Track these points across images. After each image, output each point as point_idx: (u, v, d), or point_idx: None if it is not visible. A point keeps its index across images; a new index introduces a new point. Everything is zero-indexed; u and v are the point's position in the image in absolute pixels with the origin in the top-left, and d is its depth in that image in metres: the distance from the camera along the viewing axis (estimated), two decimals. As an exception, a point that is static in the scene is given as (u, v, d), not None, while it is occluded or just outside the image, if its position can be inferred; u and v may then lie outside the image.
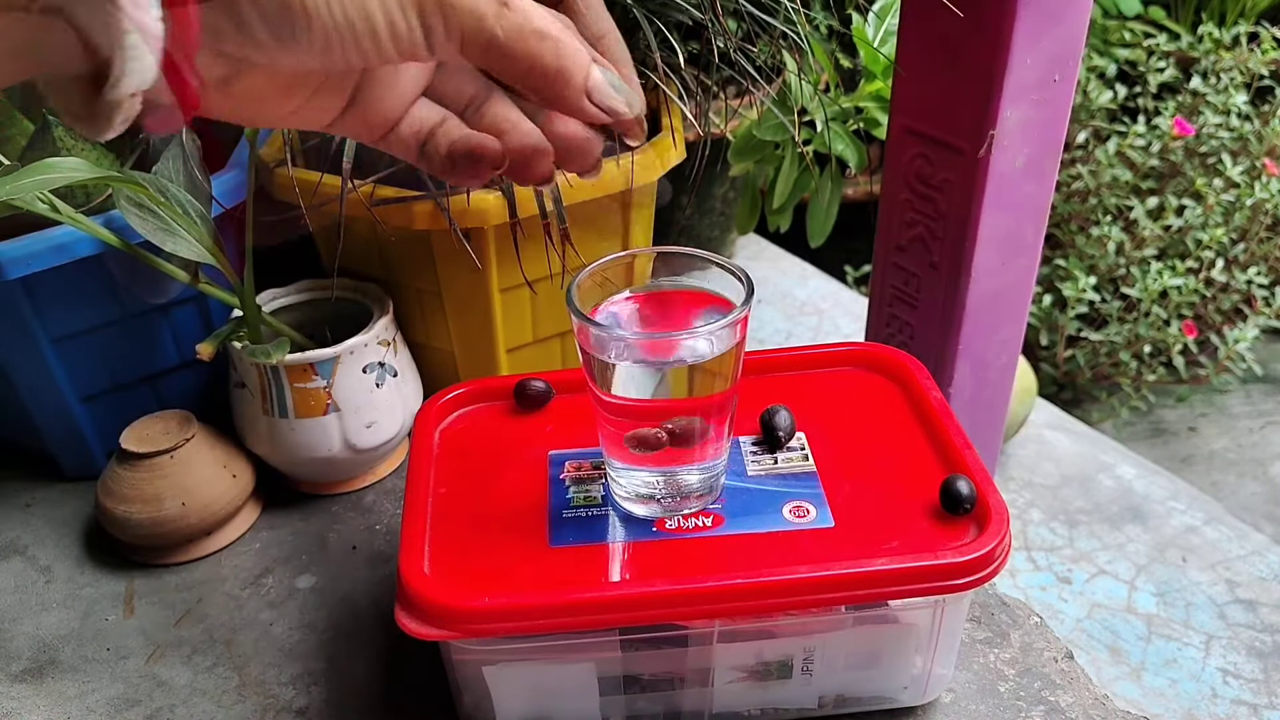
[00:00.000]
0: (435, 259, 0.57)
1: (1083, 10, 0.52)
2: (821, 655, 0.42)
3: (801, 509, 0.43)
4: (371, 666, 0.50)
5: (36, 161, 0.45)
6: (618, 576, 0.41)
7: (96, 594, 0.55)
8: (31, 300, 0.55)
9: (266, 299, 0.60)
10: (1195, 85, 1.45)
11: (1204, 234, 1.35)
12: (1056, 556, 0.59)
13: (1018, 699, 0.46)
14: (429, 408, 0.50)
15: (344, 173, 0.49)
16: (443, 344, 0.62)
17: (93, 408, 0.60)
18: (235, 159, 0.61)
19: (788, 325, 0.86)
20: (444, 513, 0.44)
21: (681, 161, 0.61)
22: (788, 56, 0.63)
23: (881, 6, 0.72)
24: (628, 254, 0.45)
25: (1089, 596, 0.56)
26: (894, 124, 0.59)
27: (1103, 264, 1.39)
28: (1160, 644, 0.53)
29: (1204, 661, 0.52)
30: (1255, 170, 1.37)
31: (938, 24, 0.52)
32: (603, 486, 0.45)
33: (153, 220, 0.52)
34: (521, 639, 0.40)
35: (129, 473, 0.55)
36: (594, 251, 0.59)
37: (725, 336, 0.39)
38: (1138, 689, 0.50)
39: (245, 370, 0.56)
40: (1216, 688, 0.50)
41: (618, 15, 0.58)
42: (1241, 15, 1.61)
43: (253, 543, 0.58)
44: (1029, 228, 0.58)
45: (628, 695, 0.43)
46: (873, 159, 0.79)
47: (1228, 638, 0.53)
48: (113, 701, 0.49)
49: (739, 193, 0.88)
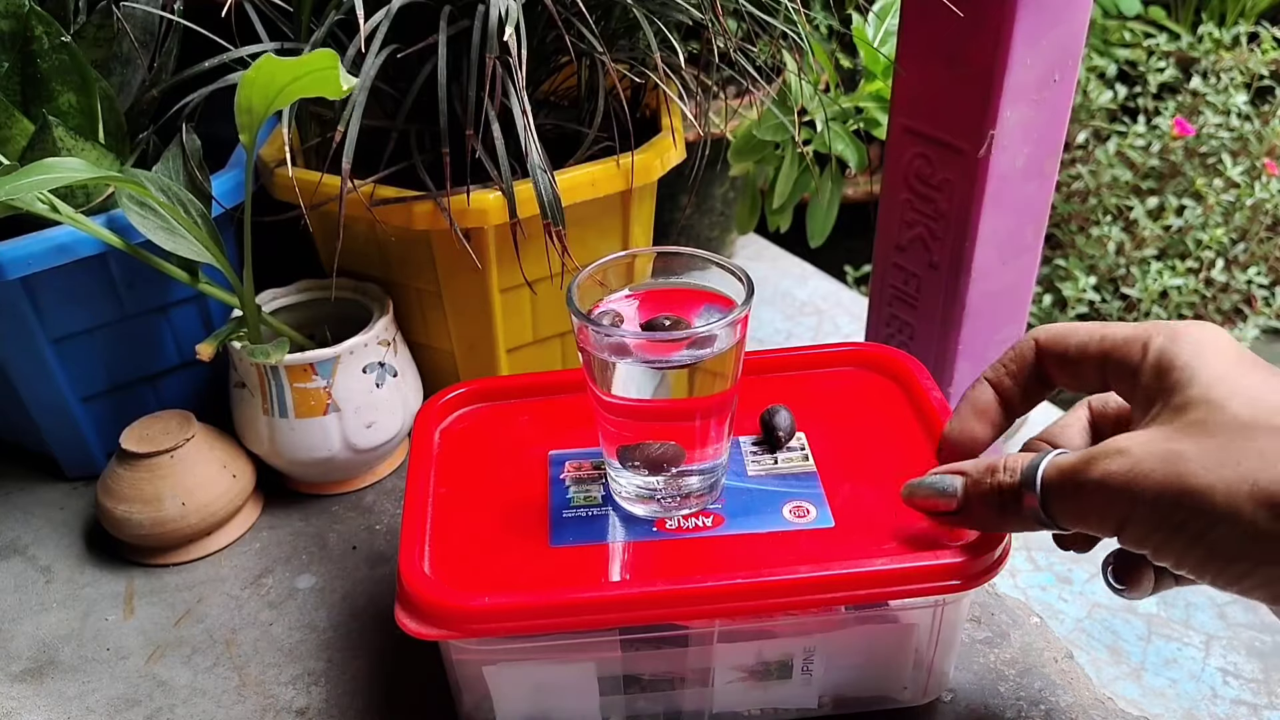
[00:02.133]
0: (435, 259, 0.57)
1: (1083, 10, 0.52)
2: (821, 655, 0.42)
3: (801, 509, 0.43)
4: (371, 666, 0.50)
5: (36, 161, 0.45)
6: (618, 576, 0.41)
7: (96, 594, 0.55)
8: (31, 300, 0.55)
9: (266, 299, 0.60)
10: (1195, 85, 1.45)
11: (1204, 234, 1.35)
12: (1056, 556, 0.59)
13: (1018, 699, 0.46)
14: (429, 408, 0.50)
15: (344, 173, 0.49)
16: (443, 344, 0.62)
17: (93, 408, 0.60)
18: (235, 159, 0.61)
19: (788, 325, 0.86)
20: (444, 513, 0.44)
21: (681, 161, 0.61)
22: (788, 56, 0.64)
23: (881, 6, 0.72)
24: (628, 254, 0.45)
25: (1089, 596, 0.56)
26: (894, 124, 0.59)
27: (1103, 264, 1.39)
28: (1160, 644, 0.53)
29: (1204, 661, 0.52)
30: (1255, 170, 1.37)
31: (938, 24, 0.52)
32: (603, 486, 0.45)
33: (154, 219, 0.52)
34: (521, 639, 0.40)
35: (129, 473, 0.55)
36: (594, 251, 0.59)
37: (726, 336, 0.39)
38: (1138, 689, 0.50)
39: (245, 370, 0.56)
40: (1216, 688, 0.50)
41: (618, 15, 0.58)
42: (1241, 15, 1.61)
43: (253, 543, 0.58)
44: (1029, 228, 0.58)
45: (628, 695, 0.43)
46: (873, 159, 0.79)
47: (1228, 638, 0.53)
48: (113, 701, 0.49)
49: (739, 193, 0.88)
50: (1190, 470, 0.30)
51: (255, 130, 0.48)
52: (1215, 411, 0.31)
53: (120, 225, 0.53)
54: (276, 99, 0.46)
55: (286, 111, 0.52)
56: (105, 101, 0.56)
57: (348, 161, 0.49)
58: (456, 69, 0.52)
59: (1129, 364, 0.35)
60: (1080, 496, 0.33)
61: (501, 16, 0.48)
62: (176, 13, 0.57)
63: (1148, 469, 0.31)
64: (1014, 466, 0.36)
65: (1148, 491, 0.31)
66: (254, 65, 0.44)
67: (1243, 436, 0.30)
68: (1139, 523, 0.32)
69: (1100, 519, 0.33)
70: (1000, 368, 0.40)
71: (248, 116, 0.47)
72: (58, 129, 0.52)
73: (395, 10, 0.51)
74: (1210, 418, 0.31)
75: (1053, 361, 0.38)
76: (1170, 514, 0.31)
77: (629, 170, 0.56)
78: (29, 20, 0.53)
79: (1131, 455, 0.32)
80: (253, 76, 0.45)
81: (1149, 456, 0.31)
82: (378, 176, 0.55)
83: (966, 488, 0.38)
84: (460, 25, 0.51)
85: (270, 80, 0.45)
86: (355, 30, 0.49)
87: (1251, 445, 0.30)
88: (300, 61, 0.43)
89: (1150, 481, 0.31)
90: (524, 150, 0.50)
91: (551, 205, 0.50)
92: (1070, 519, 0.34)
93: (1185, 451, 0.31)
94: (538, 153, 0.50)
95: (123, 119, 0.58)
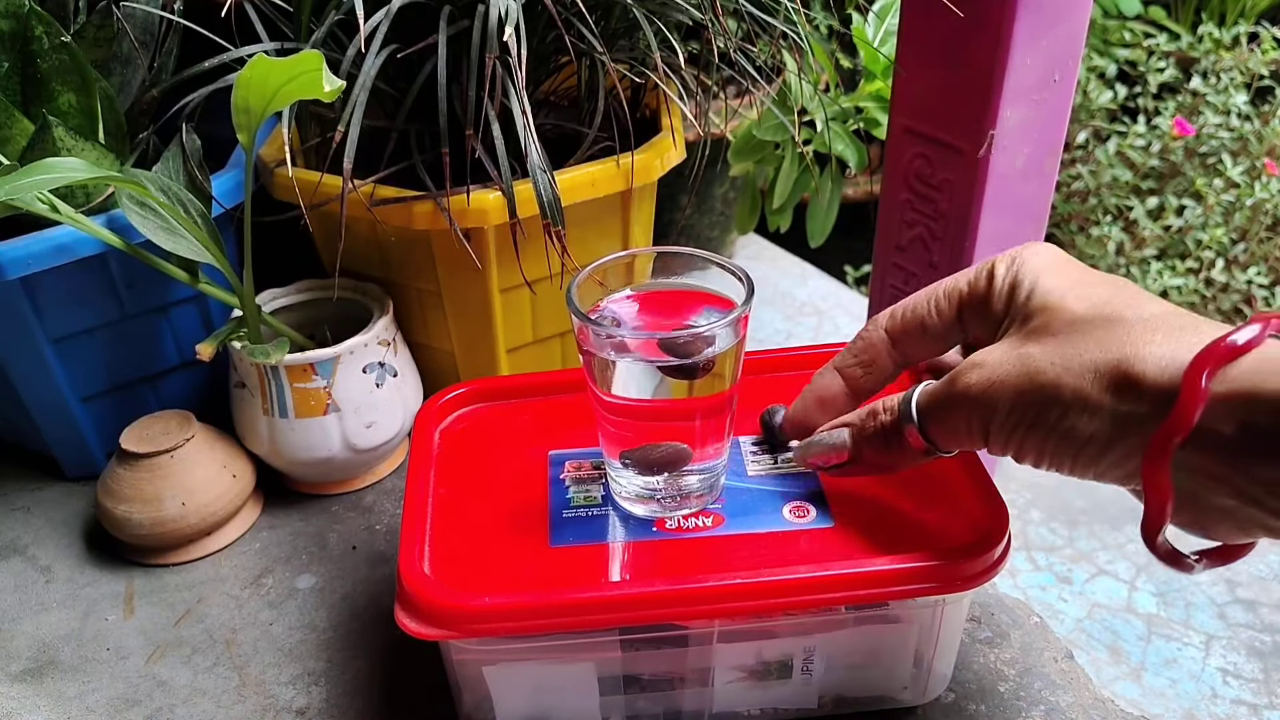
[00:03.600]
0: (435, 259, 0.57)
1: (1083, 10, 0.52)
2: (821, 655, 0.42)
3: (801, 509, 0.43)
4: (371, 666, 0.50)
5: (36, 161, 0.45)
6: (618, 576, 0.41)
7: (96, 594, 0.55)
8: (31, 300, 0.55)
9: (266, 299, 0.60)
10: (1195, 85, 1.45)
11: (1204, 234, 1.35)
12: (1056, 556, 0.59)
13: (1018, 699, 0.46)
14: (429, 408, 0.50)
15: (344, 173, 0.49)
16: (443, 344, 0.62)
17: (93, 408, 0.60)
18: (235, 159, 0.61)
19: (788, 325, 0.86)
20: (444, 513, 0.44)
21: (681, 161, 0.61)
22: (788, 56, 0.64)
23: (881, 6, 0.72)
24: (628, 254, 0.45)
25: (1089, 596, 0.56)
26: (894, 124, 0.59)
27: (1103, 264, 1.39)
28: (1160, 644, 0.53)
29: (1204, 661, 0.52)
30: (1255, 170, 1.37)
31: (938, 24, 0.52)
32: (603, 486, 0.45)
33: (154, 219, 0.52)
34: (521, 639, 0.40)
35: (129, 473, 0.55)
36: (594, 251, 0.59)
37: (725, 336, 0.39)
38: (1138, 689, 0.50)
39: (245, 370, 0.56)
40: (1216, 688, 0.50)
41: (618, 15, 0.58)
42: (1241, 15, 1.61)
43: (253, 543, 0.58)
44: (1029, 228, 0.58)
45: (628, 695, 0.43)
46: (873, 159, 0.79)
47: (1228, 638, 0.53)
48: (113, 701, 0.49)
49: (739, 193, 0.88)
50: (1039, 368, 0.33)
51: (254, 130, 0.48)
52: (1056, 314, 0.34)
53: (120, 225, 0.53)
54: (273, 100, 0.46)
55: (286, 112, 0.52)
56: (105, 101, 0.56)
57: (349, 161, 0.49)
58: (456, 69, 0.52)
59: (979, 300, 0.38)
60: (948, 414, 0.36)
61: (501, 16, 0.48)
62: (176, 13, 0.57)
63: (1002, 374, 0.34)
64: (890, 406, 0.39)
65: (1005, 395, 0.34)
66: (248, 65, 0.44)
67: (1080, 331, 0.33)
68: (1001, 425, 0.35)
69: (969, 430, 0.36)
70: (849, 357, 0.42)
71: (245, 117, 0.47)
72: (58, 129, 0.52)
73: (395, 10, 0.51)
74: (1052, 320, 0.34)
75: (911, 342, 0.40)
76: (1026, 412, 0.34)
77: (629, 170, 0.56)
78: (29, 20, 0.53)
79: (986, 366, 0.35)
80: (248, 77, 0.45)
81: (1002, 363, 0.35)
82: (378, 176, 0.55)
83: (854, 436, 0.40)
84: (460, 25, 0.51)
85: (265, 81, 0.45)
86: (355, 30, 0.49)
87: (1089, 337, 0.33)
88: (293, 62, 0.43)
89: (1006, 386, 0.34)
90: (524, 150, 0.50)
91: (551, 205, 0.50)
92: (945, 438, 0.37)
93: (1033, 353, 0.34)
94: (538, 153, 0.50)
95: (123, 119, 0.58)
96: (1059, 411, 0.33)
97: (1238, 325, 0.31)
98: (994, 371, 0.35)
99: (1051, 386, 0.33)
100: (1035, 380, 0.33)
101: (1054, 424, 0.33)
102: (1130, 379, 0.31)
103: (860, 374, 0.42)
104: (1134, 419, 0.32)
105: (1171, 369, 0.31)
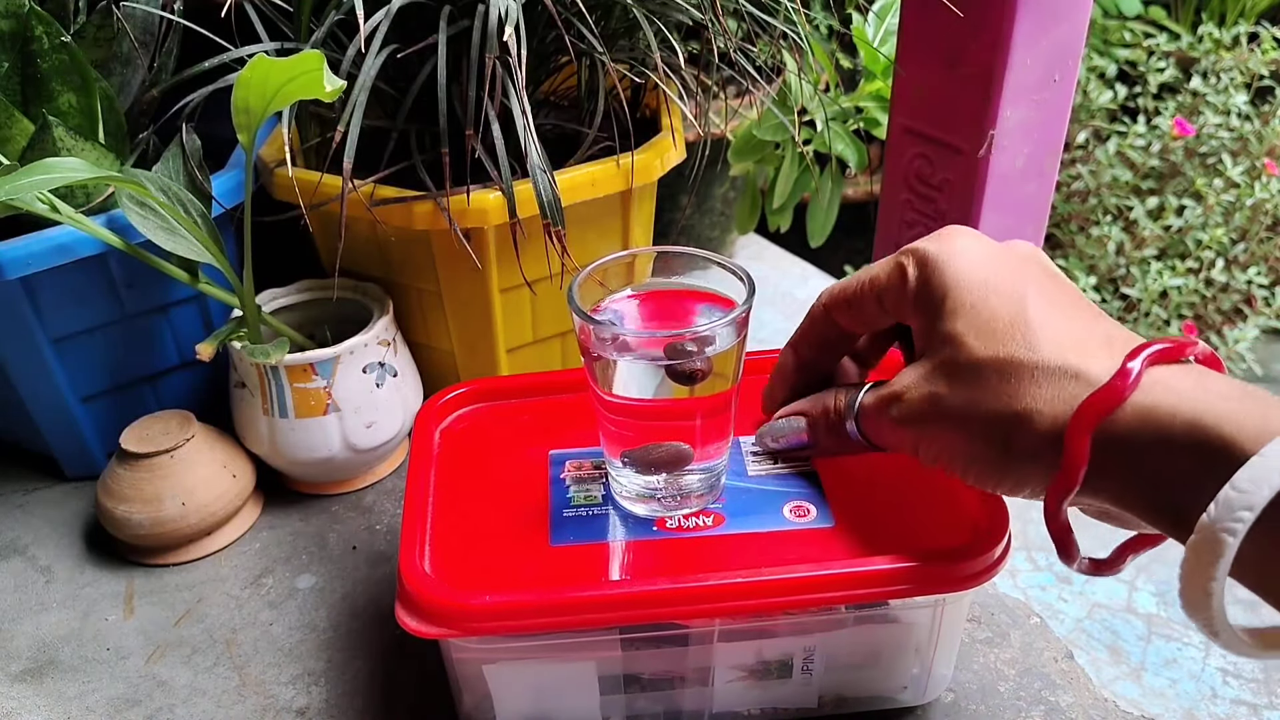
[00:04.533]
0: (435, 259, 0.57)
1: (1083, 10, 0.52)
2: (821, 655, 0.42)
3: (802, 509, 0.43)
4: (371, 666, 0.50)
5: (36, 161, 0.45)
6: (618, 576, 0.41)
7: (96, 594, 0.55)
8: (31, 300, 0.55)
9: (266, 299, 0.60)
10: (1195, 85, 1.45)
11: (1204, 234, 1.35)
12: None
13: (1018, 699, 0.46)
14: (429, 408, 0.50)
15: (344, 173, 0.49)
16: (443, 344, 0.62)
17: (93, 408, 0.60)
18: (235, 159, 0.61)
19: (788, 325, 0.86)
20: (444, 512, 0.44)
21: (681, 161, 0.61)
22: (788, 56, 0.64)
23: (881, 6, 0.72)
24: (628, 254, 0.45)
25: (1089, 596, 0.56)
26: (894, 124, 0.59)
27: (1103, 264, 1.39)
28: (1160, 644, 0.53)
29: (1204, 661, 0.52)
30: (1255, 170, 1.38)
31: (938, 24, 0.52)
32: (603, 486, 0.45)
33: (154, 219, 0.52)
34: (522, 638, 0.40)
35: (129, 473, 0.55)
36: (594, 251, 0.59)
37: (726, 336, 0.39)
38: (1138, 689, 0.50)
39: (245, 370, 0.56)
40: (1216, 688, 0.50)
41: (618, 15, 0.58)
42: (1241, 15, 1.61)
43: (253, 543, 0.58)
44: (1029, 228, 0.58)
45: (628, 694, 0.43)
46: (873, 159, 0.79)
47: (1228, 637, 0.53)
48: (113, 701, 0.49)
49: (739, 193, 0.88)
50: (945, 412, 0.36)
51: (254, 130, 0.48)
52: (960, 350, 0.36)
53: (120, 225, 0.53)
54: (273, 100, 0.46)
55: (286, 112, 0.52)
56: (105, 101, 0.56)
57: (349, 161, 0.49)
58: (456, 69, 0.52)
59: (894, 292, 0.39)
60: (880, 431, 0.40)
61: (501, 16, 0.48)
62: (176, 13, 0.57)
63: (919, 412, 0.37)
64: (839, 403, 0.42)
65: (921, 433, 0.37)
66: (248, 65, 0.44)
67: (981, 377, 0.35)
68: (925, 452, 0.38)
69: (899, 448, 0.40)
70: (799, 334, 0.44)
71: (245, 117, 0.47)
72: (58, 129, 0.52)
73: (395, 10, 0.51)
74: (958, 356, 0.36)
75: (842, 316, 0.42)
76: (941, 452, 0.37)
77: (629, 170, 0.56)
78: (29, 20, 0.53)
79: (905, 401, 0.38)
80: (248, 77, 0.45)
81: (919, 400, 0.37)
82: (378, 176, 0.55)
83: (810, 424, 0.43)
84: (460, 25, 0.51)
85: (265, 81, 0.45)
86: (355, 30, 0.49)
87: (987, 388, 0.35)
88: (293, 62, 0.43)
89: (925, 423, 0.37)
90: (524, 150, 0.50)
91: (551, 205, 0.50)
92: (882, 445, 0.41)
93: (942, 396, 0.36)
94: (537, 153, 0.50)
95: (123, 119, 0.58)
96: (967, 458, 0.36)
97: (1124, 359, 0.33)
98: (910, 409, 0.37)
99: (958, 436, 0.36)
100: (943, 425, 0.36)
101: (966, 466, 0.37)
102: (1024, 434, 0.34)
103: (806, 350, 0.44)
104: (1034, 468, 0.34)
105: (1057, 427, 0.33)
